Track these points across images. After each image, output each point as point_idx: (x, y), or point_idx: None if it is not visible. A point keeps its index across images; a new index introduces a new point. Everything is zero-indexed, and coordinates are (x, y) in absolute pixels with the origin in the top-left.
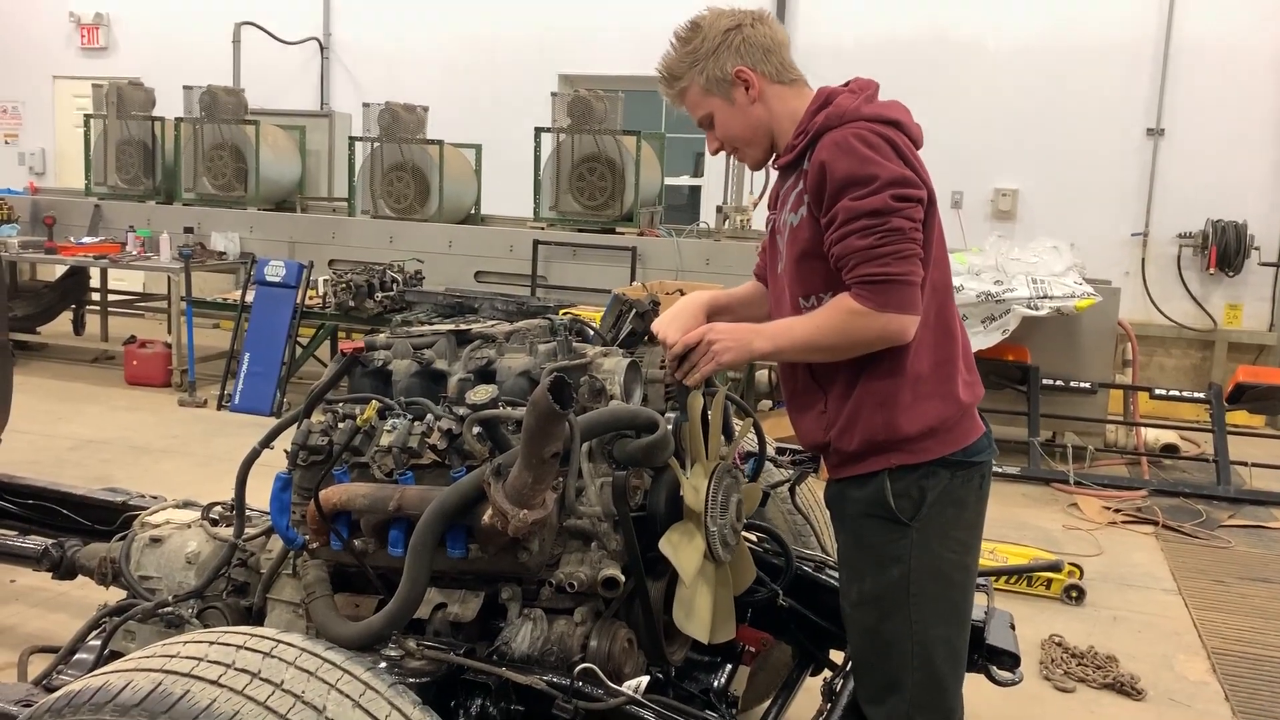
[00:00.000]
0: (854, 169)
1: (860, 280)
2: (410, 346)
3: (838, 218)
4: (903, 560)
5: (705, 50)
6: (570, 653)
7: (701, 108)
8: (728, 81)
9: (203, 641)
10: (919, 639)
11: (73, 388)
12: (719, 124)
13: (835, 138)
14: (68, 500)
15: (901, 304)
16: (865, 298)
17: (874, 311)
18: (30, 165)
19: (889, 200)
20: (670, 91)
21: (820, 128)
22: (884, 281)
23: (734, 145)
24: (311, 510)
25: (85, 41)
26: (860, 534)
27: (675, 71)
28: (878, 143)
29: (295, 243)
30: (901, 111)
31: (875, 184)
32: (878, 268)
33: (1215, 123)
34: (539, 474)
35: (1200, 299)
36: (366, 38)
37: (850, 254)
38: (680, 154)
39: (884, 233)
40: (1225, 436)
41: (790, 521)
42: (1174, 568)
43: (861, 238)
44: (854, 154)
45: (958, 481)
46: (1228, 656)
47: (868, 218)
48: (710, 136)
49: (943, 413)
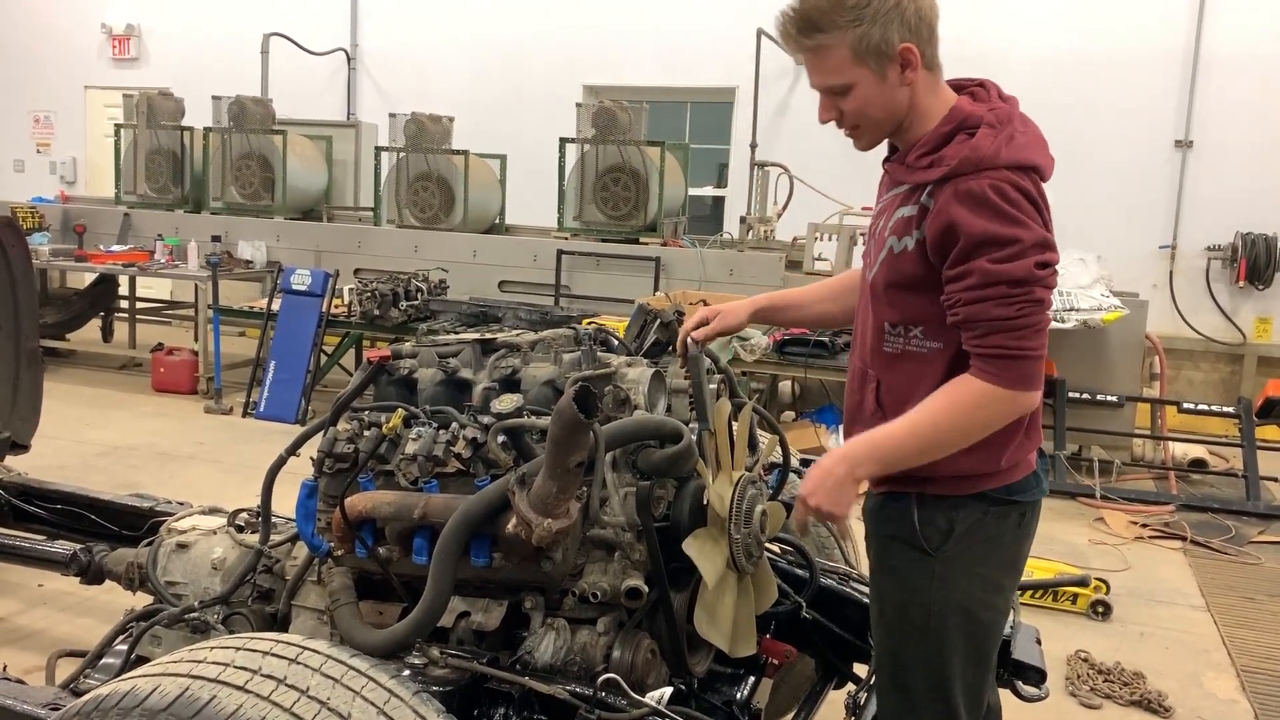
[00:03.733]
0: (993, 227)
1: (992, 352)
2: (435, 355)
3: (971, 277)
4: (923, 590)
5: (873, 11)
6: (593, 663)
7: (842, 75)
8: (888, 56)
9: (229, 647)
10: (935, 673)
11: (101, 394)
12: (857, 98)
13: (972, 188)
14: (95, 506)
15: (1034, 380)
16: (995, 375)
17: (1004, 391)
18: (61, 174)
19: (1033, 269)
20: (804, 42)
21: (954, 170)
22: (1019, 357)
23: (857, 123)
24: (337, 517)
25: (117, 52)
26: (884, 556)
27: (821, 23)
28: (1018, 199)
29: (321, 252)
30: (1039, 151)
31: (1018, 247)
32: (1014, 341)
33: (1245, 134)
34: (563, 483)
35: (1229, 312)
36: (393, 49)
37: (984, 320)
38: (704, 164)
39: (1025, 303)
40: (1255, 451)
41: (814, 533)
42: (1202, 584)
43: (1000, 306)
44: (992, 209)
45: (992, 517)
46: (1257, 675)
47: (1009, 285)
48: (829, 104)
49: (982, 468)
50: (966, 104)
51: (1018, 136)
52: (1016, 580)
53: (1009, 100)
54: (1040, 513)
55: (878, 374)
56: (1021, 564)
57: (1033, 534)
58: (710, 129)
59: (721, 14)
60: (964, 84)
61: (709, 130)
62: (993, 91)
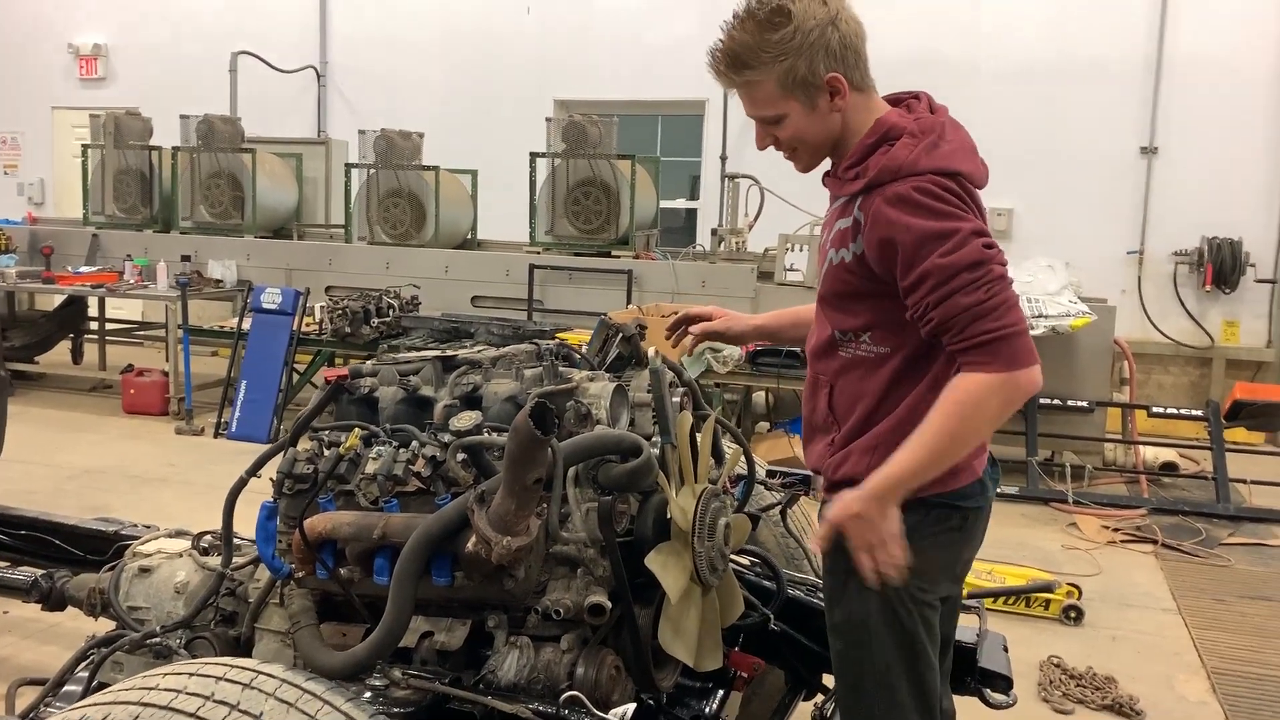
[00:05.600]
0: (930, 224)
1: (977, 343)
2: (396, 373)
3: (927, 280)
4: (863, 591)
5: (796, 45)
6: (557, 681)
7: (773, 107)
8: (816, 86)
9: (182, 673)
10: (880, 672)
11: (71, 417)
12: (790, 127)
13: (898, 193)
14: (60, 530)
15: (1027, 355)
16: (988, 364)
17: (1002, 375)
18: (29, 195)
19: (981, 249)
20: (734, 79)
21: (874, 180)
22: (1005, 336)
23: (794, 148)
24: (297, 539)
25: (84, 72)
26: (831, 560)
27: (748, 60)
28: (945, 196)
29: (292, 270)
30: (963, 158)
31: (959, 235)
32: (994, 323)
33: (1209, 140)
34: (522, 500)
35: (1197, 316)
36: (362, 65)
37: (958, 314)
38: (675, 177)
39: (990, 283)
40: (1224, 454)
41: (782, 545)
42: (1173, 586)
43: (967, 294)
44: (923, 209)
45: (931, 519)
46: (1228, 676)
47: (967, 271)
48: (765, 131)
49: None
50: (893, 116)
51: (941, 145)
52: (957, 582)
53: (938, 110)
54: (987, 519)
55: (830, 380)
56: (961, 567)
57: (977, 538)
58: (681, 142)
59: (691, 27)
60: (900, 97)
61: (679, 143)
62: (924, 102)
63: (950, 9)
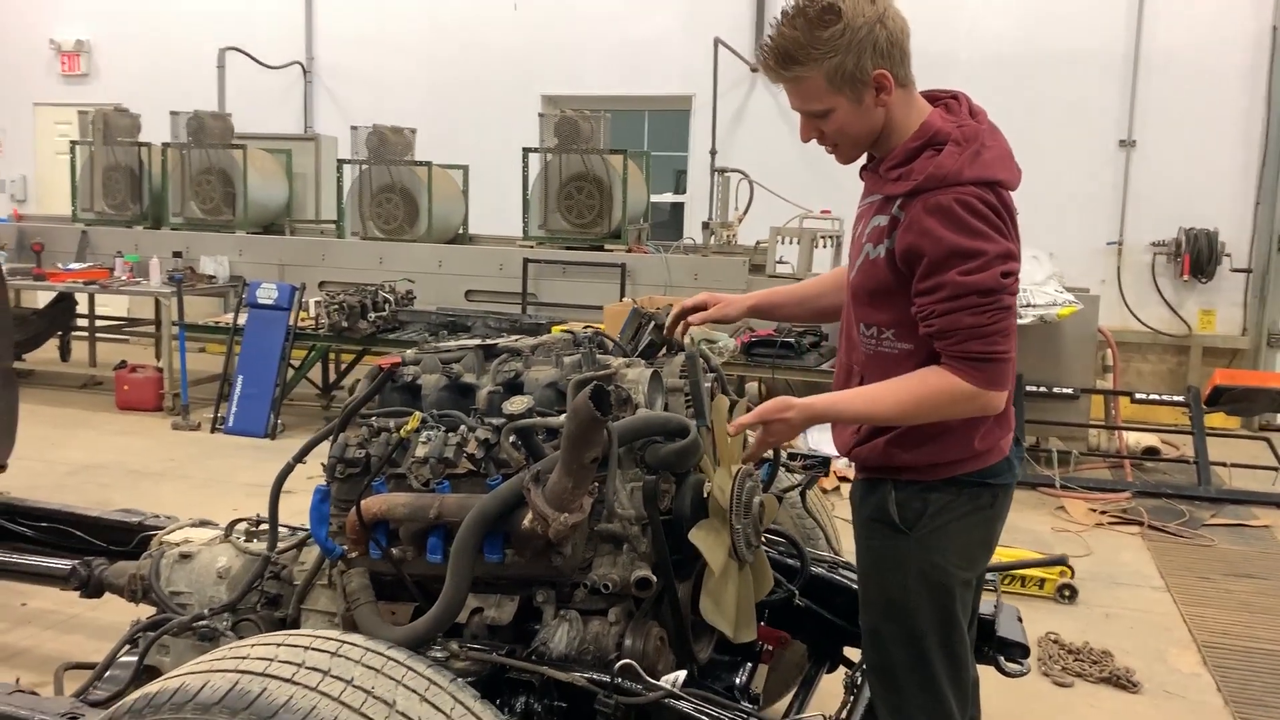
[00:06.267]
0: (961, 242)
1: (967, 357)
2: (439, 361)
3: (943, 290)
4: (901, 567)
5: (845, 42)
6: (606, 651)
7: (820, 102)
8: (863, 83)
9: (270, 643)
10: (916, 645)
11: (64, 413)
12: (836, 121)
13: (940, 203)
14: (83, 522)
15: (1005, 380)
16: (972, 375)
17: (976, 389)
18: (12, 193)
19: (999, 278)
20: (782, 74)
21: (919, 186)
22: (992, 360)
23: (836, 142)
24: (351, 520)
25: (66, 68)
26: (867, 537)
27: (798, 56)
28: (985, 213)
29: (284, 265)
30: (1004, 165)
31: (984, 259)
32: (986, 346)
33: (1185, 133)
34: (579, 479)
35: (1175, 305)
36: (349, 61)
37: (959, 329)
38: (662, 171)
39: (995, 310)
40: (1204, 438)
41: (800, 525)
42: (1161, 566)
43: (972, 315)
44: (960, 224)
45: (964, 498)
46: (1217, 649)
47: (979, 295)
48: (810, 125)
49: (952, 456)
50: (937, 119)
51: (983, 153)
52: (988, 556)
53: (978, 114)
54: (1012, 496)
55: (861, 370)
56: (993, 542)
57: (1005, 515)
58: (668, 136)
59: (678, 23)
60: (938, 95)
61: (667, 138)
62: (964, 105)
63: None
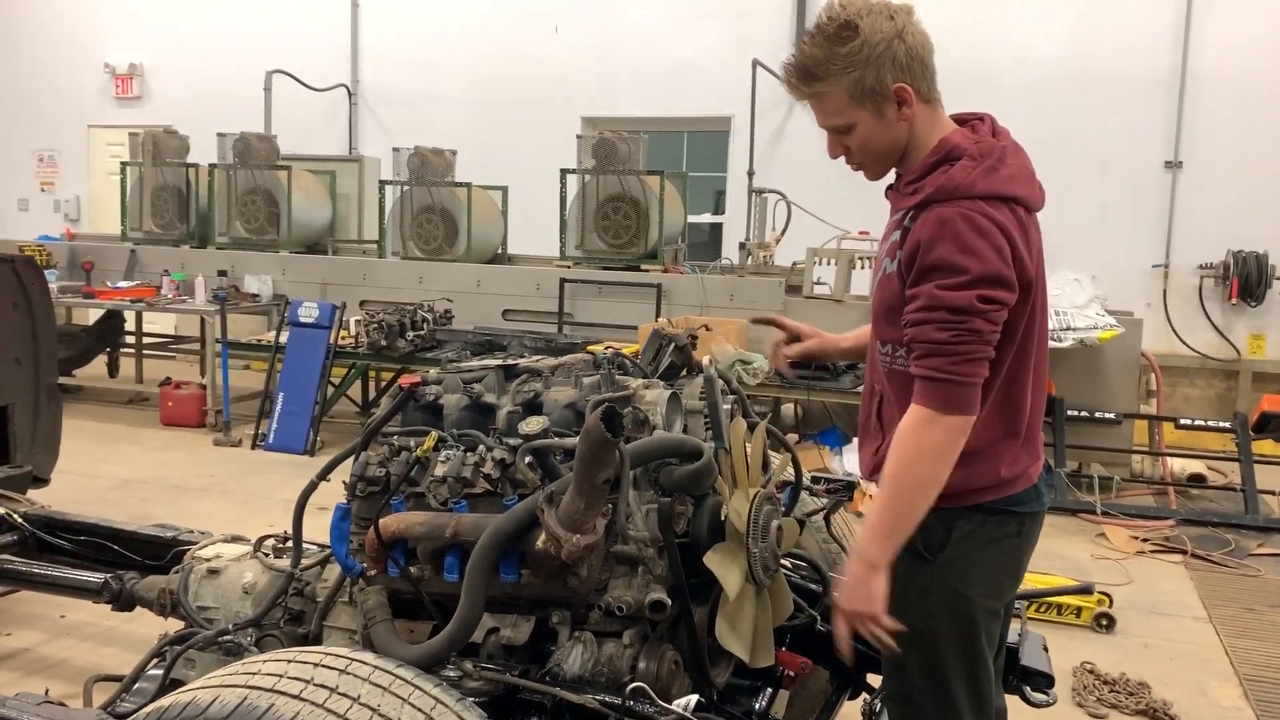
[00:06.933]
0: (949, 255)
1: (926, 374)
2: (460, 381)
3: (919, 300)
4: (924, 595)
5: (864, 57)
6: (620, 674)
7: (842, 116)
8: (883, 96)
9: (281, 660)
10: (938, 674)
11: (109, 429)
12: (859, 136)
13: (943, 215)
14: (119, 536)
15: (963, 405)
16: (927, 395)
17: (938, 414)
18: (65, 212)
19: (974, 301)
20: (804, 90)
21: (928, 197)
22: (947, 381)
23: (863, 159)
24: (370, 538)
25: (120, 91)
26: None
27: (818, 72)
28: (987, 228)
29: (326, 284)
30: (1022, 183)
31: (965, 278)
32: (945, 364)
33: (1233, 153)
34: (591, 500)
35: (1223, 329)
36: (393, 84)
37: (924, 342)
38: (702, 192)
39: (961, 331)
40: (1252, 465)
41: (825, 549)
42: (1204, 596)
43: (938, 330)
44: (954, 237)
45: (990, 526)
46: (1260, 683)
47: (949, 312)
48: (836, 141)
49: (978, 483)
50: (956, 136)
51: (1000, 169)
52: (1016, 585)
53: (1000, 134)
54: (1042, 524)
55: (881, 389)
56: (1021, 571)
57: (1033, 543)
58: (706, 157)
59: (717, 44)
60: (966, 117)
61: (705, 158)
62: (987, 124)
63: (973, 22)
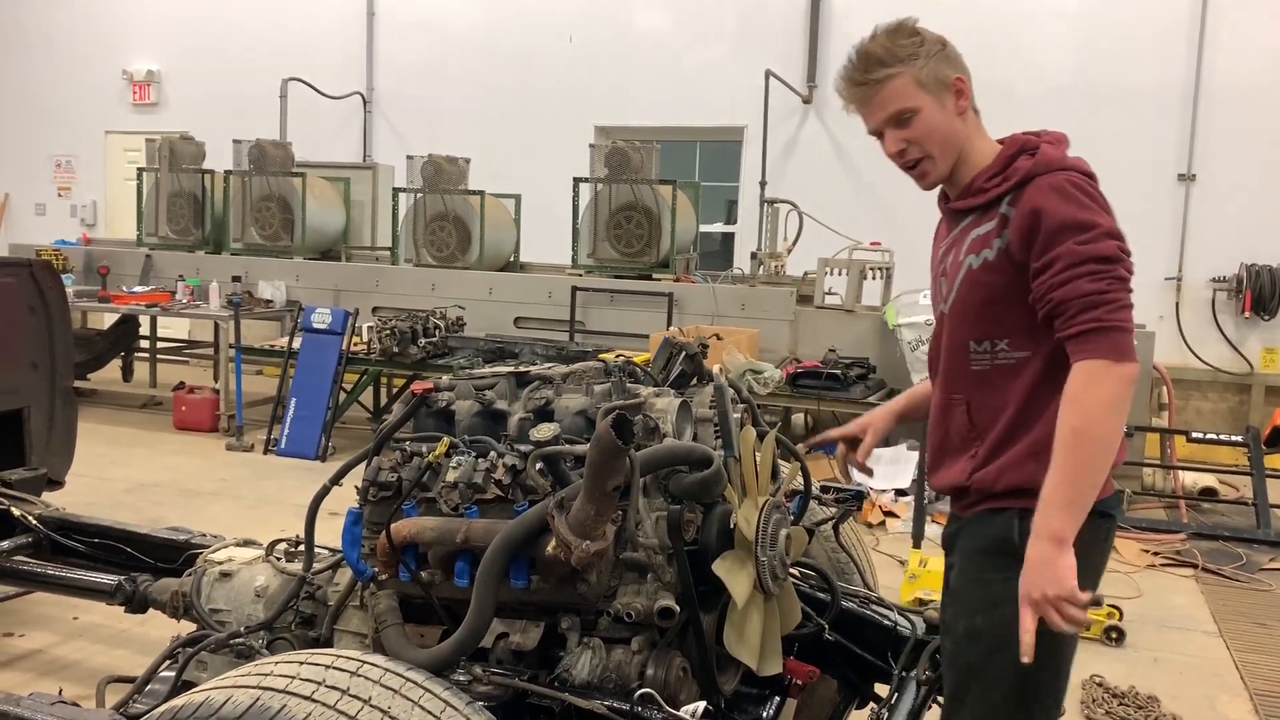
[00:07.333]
0: (1075, 213)
1: (1086, 327)
2: (472, 388)
3: (1058, 262)
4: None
5: (927, 50)
6: (628, 680)
7: (907, 100)
8: (945, 85)
9: (294, 661)
10: (1022, 680)
11: (123, 432)
12: (922, 122)
13: (1052, 182)
14: (132, 539)
15: (1131, 351)
16: (1097, 346)
17: (1111, 363)
18: (81, 217)
19: (1116, 249)
20: (868, 78)
21: (1028, 172)
22: (1112, 329)
23: (924, 152)
24: (382, 542)
25: (137, 98)
26: (979, 569)
27: (885, 59)
28: (1095, 193)
29: (340, 291)
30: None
31: (1098, 229)
32: (1106, 313)
33: (1247, 166)
34: (601, 506)
35: (1236, 343)
36: (407, 92)
37: (1077, 298)
38: (714, 202)
39: (1113, 279)
40: (1264, 479)
41: (834, 559)
42: (1214, 610)
43: (1091, 281)
44: (1073, 200)
45: (1090, 529)
46: (1271, 698)
47: (1096, 262)
48: (895, 136)
49: None
50: (1021, 134)
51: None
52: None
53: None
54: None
55: (965, 396)
56: (1100, 576)
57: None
58: (720, 167)
59: (730, 55)
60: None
61: (718, 168)
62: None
63: (987, 32)
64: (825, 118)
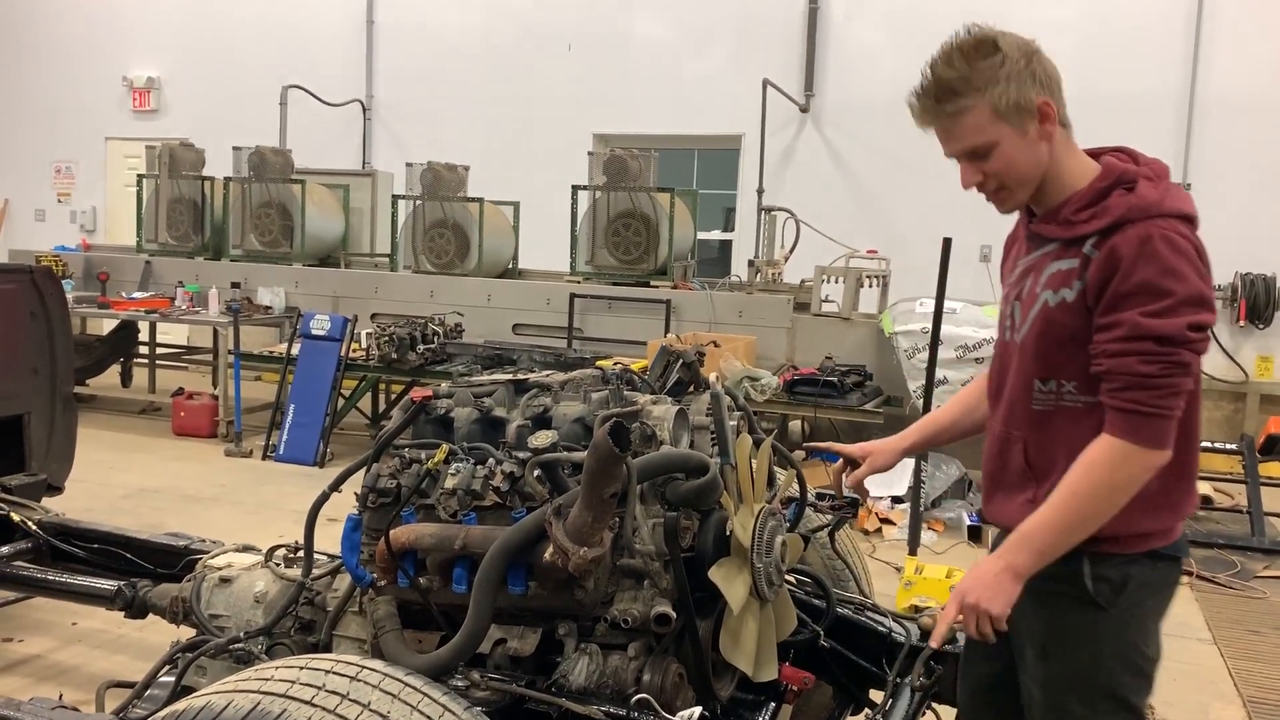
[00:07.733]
0: (1154, 278)
1: (1128, 407)
2: (471, 395)
3: (1120, 328)
4: (1094, 643)
5: (1007, 72)
6: (625, 686)
7: (984, 135)
8: (1028, 111)
9: (294, 666)
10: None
11: (122, 438)
12: (1002, 155)
13: (1141, 234)
14: (132, 544)
15: (1163, 440)
16: (1129, 431)
17: (1138, 449)
18: (81, 223)
19: (1184, 329)
20: (945, 109)
21: (1120, 217)
22: (1153, 416)
23: (1001, 184)
24: (381, 548)
25: (137, 104)
26: (1048, 609)
27: (959, 88)
28: (1186, 250)
29: (339, 297)
30: (1190, 202)
31: (1171, 302)
32: (1149, 398)
33: (1242, 175)
34: (598, 513)
35: (1231, 351)
36: (407, 99)
37: (1125, 374)
38: (711, 210)
39: (1169, 364)
40: (1259, 488)
41: (830, 565)
42: (1209, 618)
43: (1144, 362)
44: (1157, 260)
45: (1159, 573)
46: (1264, 705)
47: (1155, 342)
48: (973, 168)
49: (1160, 526)
50: (1118, 162)
51: (1176, 188)
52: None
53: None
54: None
55: (1024, 434)
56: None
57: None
58: (717, 174)
59: (728, 64)
60: (1101, 151)
61: (716, 176)
62: (1138, 155)
63: None
64: (822, 127)
